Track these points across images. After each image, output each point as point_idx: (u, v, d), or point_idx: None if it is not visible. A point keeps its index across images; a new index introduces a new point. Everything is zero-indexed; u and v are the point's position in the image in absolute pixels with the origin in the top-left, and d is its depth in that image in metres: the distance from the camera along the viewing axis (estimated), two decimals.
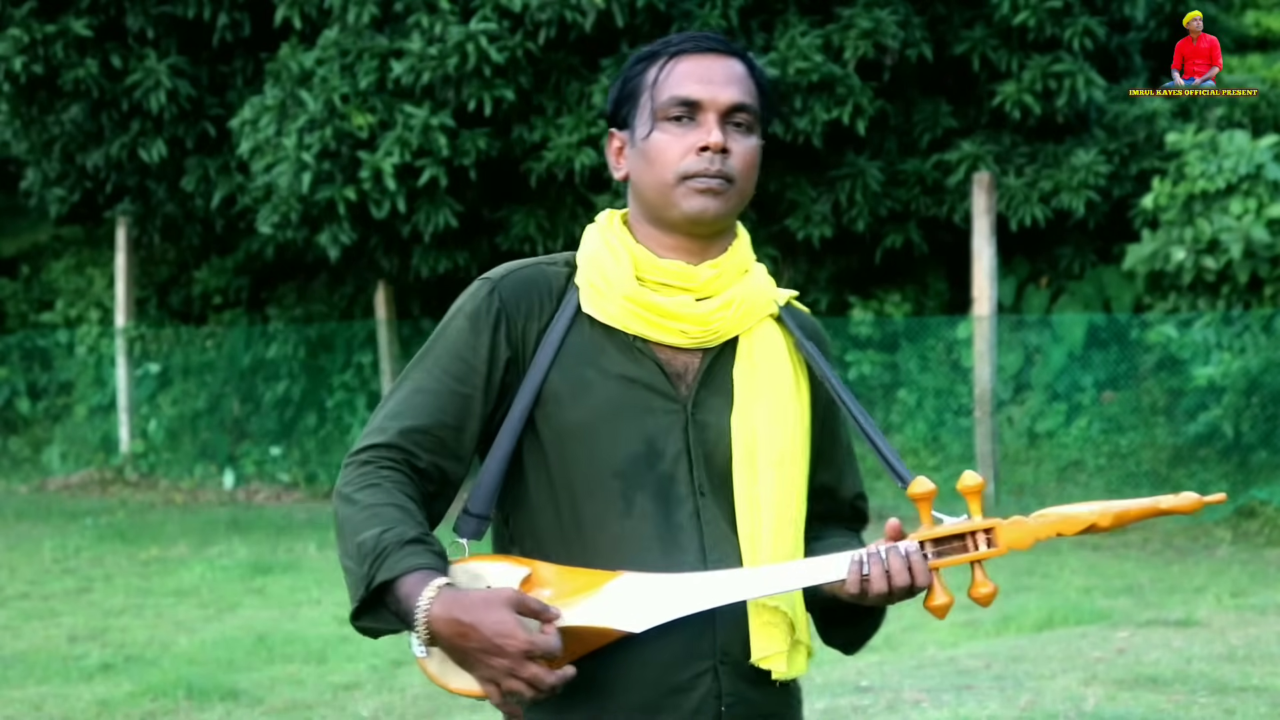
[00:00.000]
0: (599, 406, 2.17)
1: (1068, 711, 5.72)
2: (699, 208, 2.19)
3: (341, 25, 11.60)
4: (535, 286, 2.23)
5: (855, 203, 11.79)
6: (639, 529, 2.15)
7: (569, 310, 2.21)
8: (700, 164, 2.18)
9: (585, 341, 2.20)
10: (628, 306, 2.19)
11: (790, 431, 2.23)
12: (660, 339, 2.20)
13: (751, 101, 2.23)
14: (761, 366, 2.23)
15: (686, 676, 2.14)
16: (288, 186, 11.47)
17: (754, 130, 2.24)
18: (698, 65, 2.22)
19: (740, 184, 2.22)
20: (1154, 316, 10.85)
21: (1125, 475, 10.92)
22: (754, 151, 2.24)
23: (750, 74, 2.25)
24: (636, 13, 11.20)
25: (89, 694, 6.53)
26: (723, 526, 2.17)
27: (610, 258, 2.22)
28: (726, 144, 2.19)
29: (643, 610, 2.06)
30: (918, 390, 11.88)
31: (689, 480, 2.18)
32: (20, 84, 12.68)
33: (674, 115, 2.20)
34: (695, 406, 2.20)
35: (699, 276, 2.21)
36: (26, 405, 15.65)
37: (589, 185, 11.71)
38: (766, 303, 2.27)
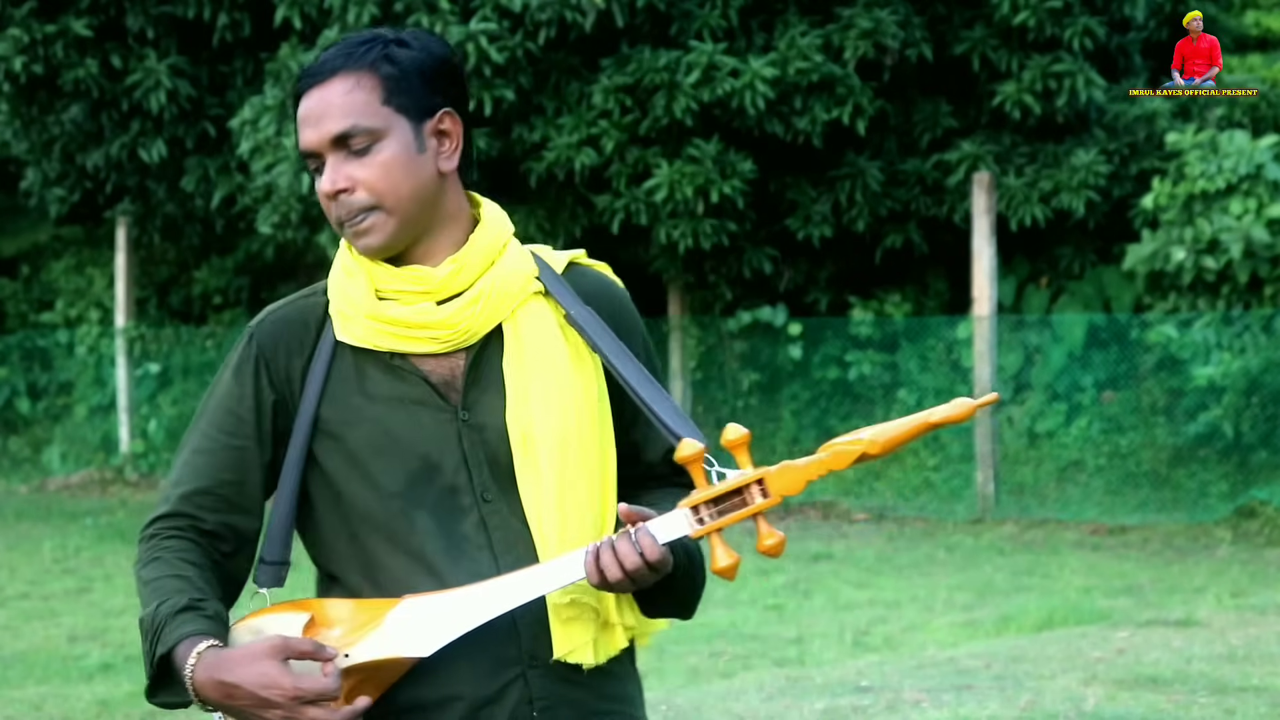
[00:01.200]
0: (371, 432, 2.13)
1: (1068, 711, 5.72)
2: (363, 247, 2.15)
3: (341, 25, 11.60)
4: (290, 326, 2.19)
5: (855, 203, 11.79)
6: (425, 547, 2.11)
7: (329, 342, 2.17)
8: (335, 210, 2.14)
9: (348, 369, 2.16)
10: (371, 325, 2.14)
11: (572, 411, 2.15)
12: (414, 350, 2.14)
13: (355, 120, 2.11)
14: (531, 351, 2.16)
15: (495, 688, 2.10)
16: (288, 186, 11.48)
17: (378, 141, 2.12)
18: (305, 107, 2.15)
19: (388, 202, 2.12)
20: (1154, 316, 10.85)
21: (1125, 475, 10.92)
22: (383, 163, 2.12)
23: (361, 77, 2.15)
24: (636, 13, 11.20)
25: (89, 694, 6.53)
26: (515, 527, 2.12)
27: (348, 279, 2.18)
28: (340, 183, 2.11)
29: (428, 633, 2.03)
30: (918, 390, 11.88)
31: (470, 488, 2.13)
32: (20, 84, 12.68)
33: (313, 166, 2.17)
34: (468, 410, 2.14)
35: (436, 277, 2.13)
36: (26, 405, 15.65)
37: (589, 185, 11.71)
38: (523, 284, 2.17)
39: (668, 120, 11.16)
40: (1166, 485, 10.75)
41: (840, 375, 12.16)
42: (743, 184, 11.25)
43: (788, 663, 6.95)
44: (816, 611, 8.07)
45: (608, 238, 11.74)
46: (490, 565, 2.11)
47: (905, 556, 9.69)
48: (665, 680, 6.66)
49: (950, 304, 12.56)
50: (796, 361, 12.23)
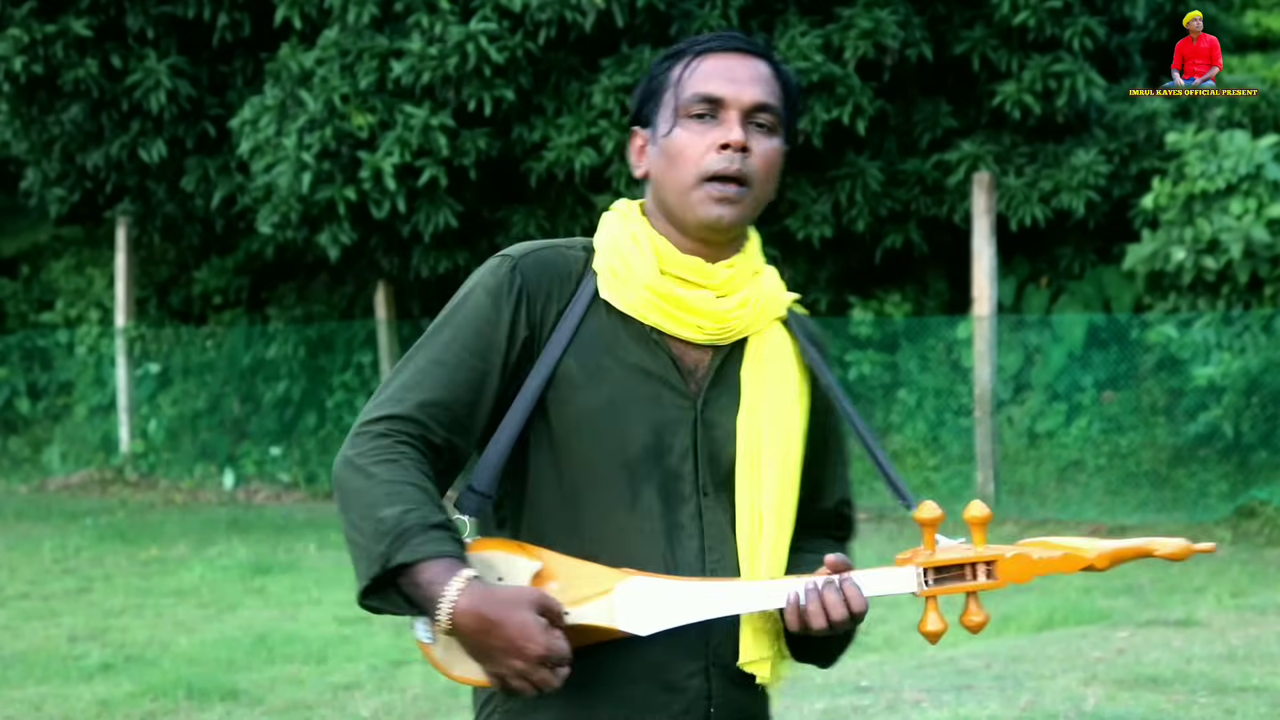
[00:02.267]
0: (612, 394, 2.15)
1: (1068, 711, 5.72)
2: (715, 215, 2.17)
3: (341, 25, 11.60)
4: (554, 268, 2.19)
5: (855, 203, 11.79)
6: (643, 524, 2.14)
7: (586, 295, 2.18)
8: (720, 162, 2.16)
9: (601, 328, 2.17)
10: (648, 297, 2.17)
11: (791, 436, 2.22)
12: (677, 333, 2.18)
13: (775, 103, 2.21)
14: (768, 369, 2.22)
15: (679, 676, 2.14)
16: (288, 186, 11.48)
17: (776, 132, 2.22)
18: (723, 63, 2.20)
19: (757, 188, 2.19)
20: (1154, 316, 10.85)
21: (1125, 475, 10.92)
22: (775, 153, 2.21)
23: (776, 76, 2.23)
24: (636, 13, 11.21)
25: (89, 694, 6.53)
26: (723, 528, 2.17)
27: (633, 246, 2.20)
28: (748, 143, 2.17)
29: (650, 614, 2.05)
30: (918, 390, 11.88)
31: (694, 478, 2.17)
32: (20, 84, 12.68)
33: (696, 113, 2.18)
34: (705, 404, 2.19)
35: (717, 275, 2.19)
36: (26, 405, 15.65)
37: (589, 185, 11.71)
38: (778, 305, 2.27)
39: None
40: (1166, 485, 10.76)
41: (840, 375, 12.16)
42: None
43: None
44: None
45: None
46: (697, 558, 2.15)
47: None
48: None
49: (950, 304, 12.56)
50: None
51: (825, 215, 11.85)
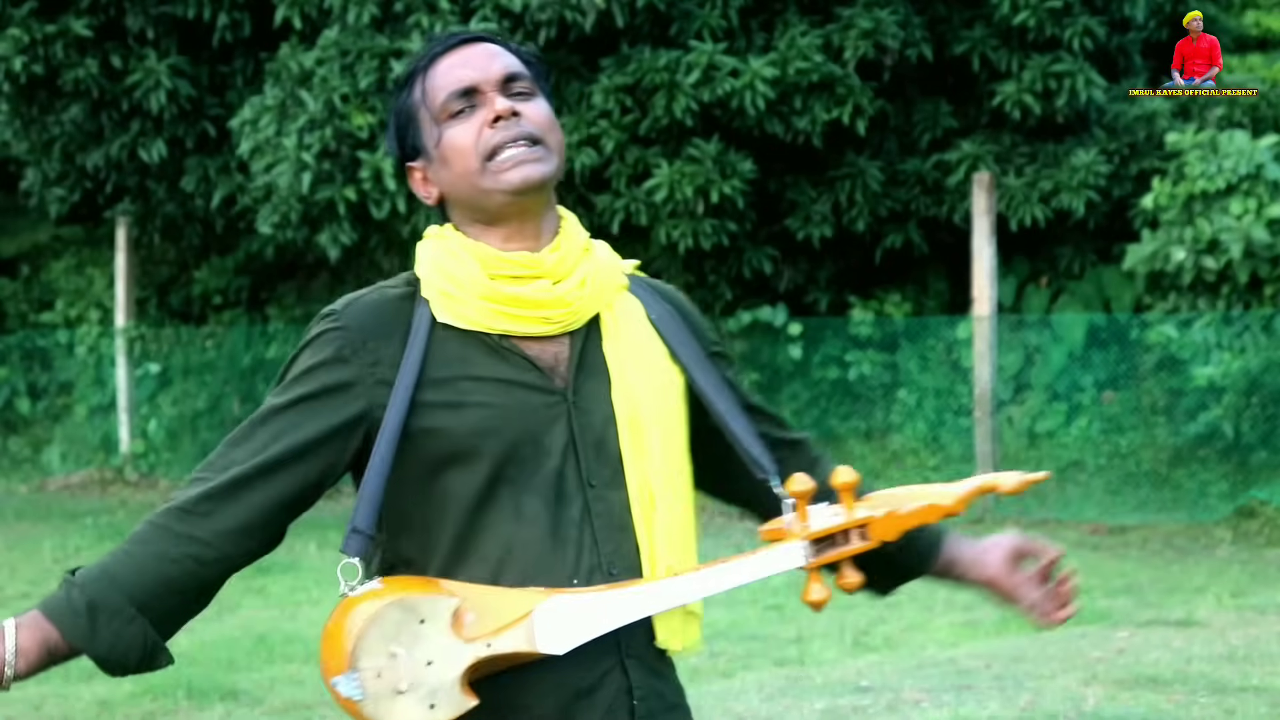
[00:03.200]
0: (481, 414, 2.09)
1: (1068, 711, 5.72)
2: (522, 177, 2.12)
3: (341, 25, 11.60)
4: (380, 309, 2.14)
5: (855, 203, 11.79)
6: (529, 532, 2.09)
7: (424, 324, 2.12)
8: (497, 135, 2.12)
9: (448, 352, 2.12)
10: (485, 305, 2.12)
11: (671, 400, 2.19)
12: (524, 331, 2.12)
13: (522, 69, 2.19)
14: (628, 340, 2.18)
15: (594, 676, 2.09)
16: (288, 186, 11.48)
17: (536, 95, 2.18)
18: (456, 57, 2.17)
19: (549, 141, 2.15)
20: (1154, 316, 10.85)
21: (1125, 475, 10.92)
22: (548, 110, 2.18)
23: (508, 49, 2.21)
24: (636, 13, 11.20)
25: (89, 694, 6.53)
26: (617, 515, 2.12)
27: (455, 261, 2.14)
28: (515, 108, 2.14)
29: (567, 631, 2.03)
30: (918, 390, 11.88)
31: (577, 474, 2.12)
32: (20, 84, 12.67)
33: (454, 110, 2.15)
34: (575, 394, 2.14)
35: (544, 262, 2.14)
36: (26, 405, 15.64)
37: (589, 185, 11.72)
38: (616, 275, 2.23)
39: (668, 120, 11.16)
40: (1166, 485, 10.75)
41: (840, 375, 12.15)
42: (743, 184, 11.25)
43: (788, 663, 6.95)
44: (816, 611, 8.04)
45: (608, 238, 11.68)
46: (591, 552, 2.10)
47: None
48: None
49: (950, 304, 12.56)
50: (796, 361, 12.23)
51: (825, 215, 11.85)
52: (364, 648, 1.98)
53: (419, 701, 1.97)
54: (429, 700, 1.97)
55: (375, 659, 1.97)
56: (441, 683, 1.97)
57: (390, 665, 1.97)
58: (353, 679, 1.97)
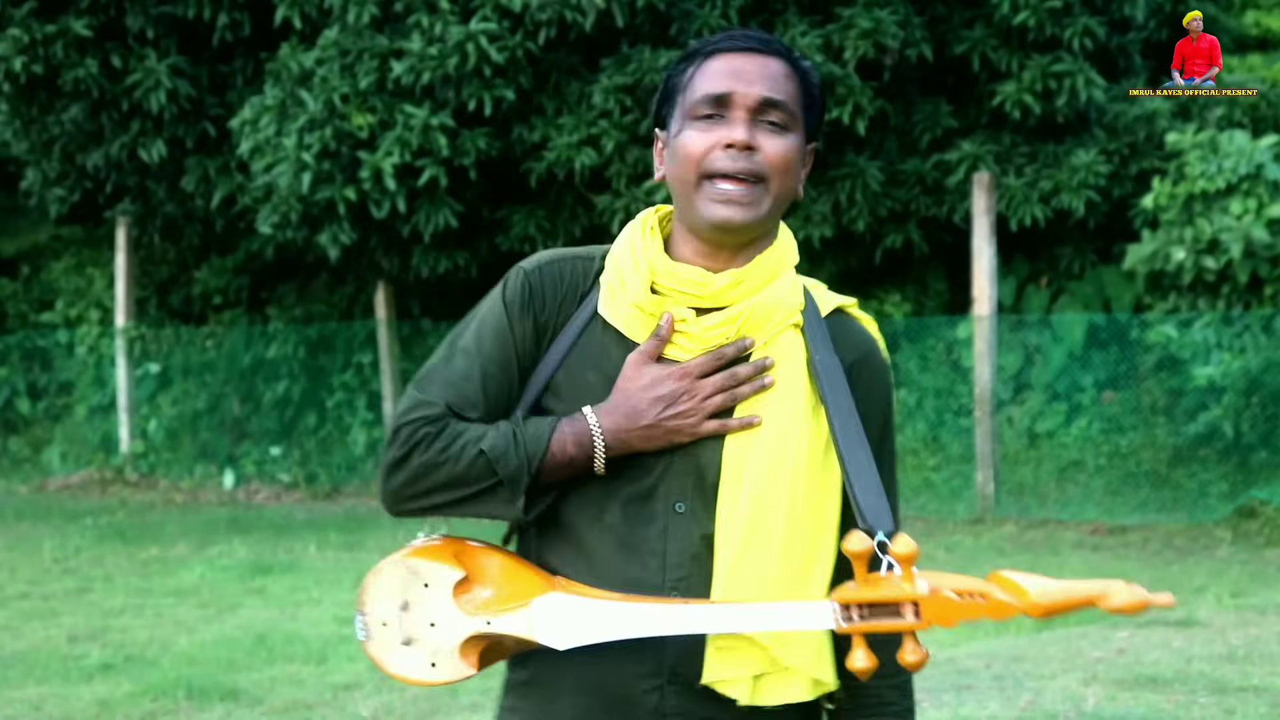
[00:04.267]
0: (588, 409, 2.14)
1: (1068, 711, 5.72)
2: (722, 217, 2.12)
3: (341, 25, 11.60)
4: (563, 280, 2.20)
5: (855, 203, 11.79)
6: (604, 539, 2.13)
7: (589, 308, 2.18)
8: (722, 160, 2.12)
9: (595, 342, 2.17)
10: (634, 314, 2.15)
11: (792, 450, 2.13)
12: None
13: (786, 99, 2.16)
14: (773, 382, 2.15)
15: (635, 691, 2.11)
16: (288, 186, 11.48)
17: (790, 130, 2.16)
18: (731, 62, 2.16)
19: (774, 184, 2.14)
20: (1154, 316, 10.85)
21: (1125, 475, 10.92)
22: (790, 150, 2.15)
23: (792, 74, 2.19)
24: (636, 13, 11.21)
25: (89, 694, 6.53)
26: (695, 546, 2.12)
27: (630, 262, 2.18)
28: (754, 140, 2.12)
29: (569, 629, 2.07)
30: (918, 390, 11.88)
31: (666, 496, 2.13)
32: (20, 84, 12.68)
33: (704, 113, 2.15)
34: None
35: (712, 285, 2.14)
36: (26, 405, 15.64)
37: (589, 185, 11.71)
38: (784, 316, 2.18)
39: None
40: (1166, 485, 10.75)
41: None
42: None
43: None
44: None
45: (608, 238, 11.70)
46: (657, 573, 2.11)
47: None
48: None
49: (950, 304, 12.57)
50: None
51: (825, 215, 11.85)
52: (370, 595, 2.13)
53: (422, 658, 2.11)
54: (431, 659, 2.11)
55: (380, 608, 2.12)
56: (442, 645, 2.10)
57: (397, 618, 2.11)
58: (359, 620, 2.13)
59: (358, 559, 9.71)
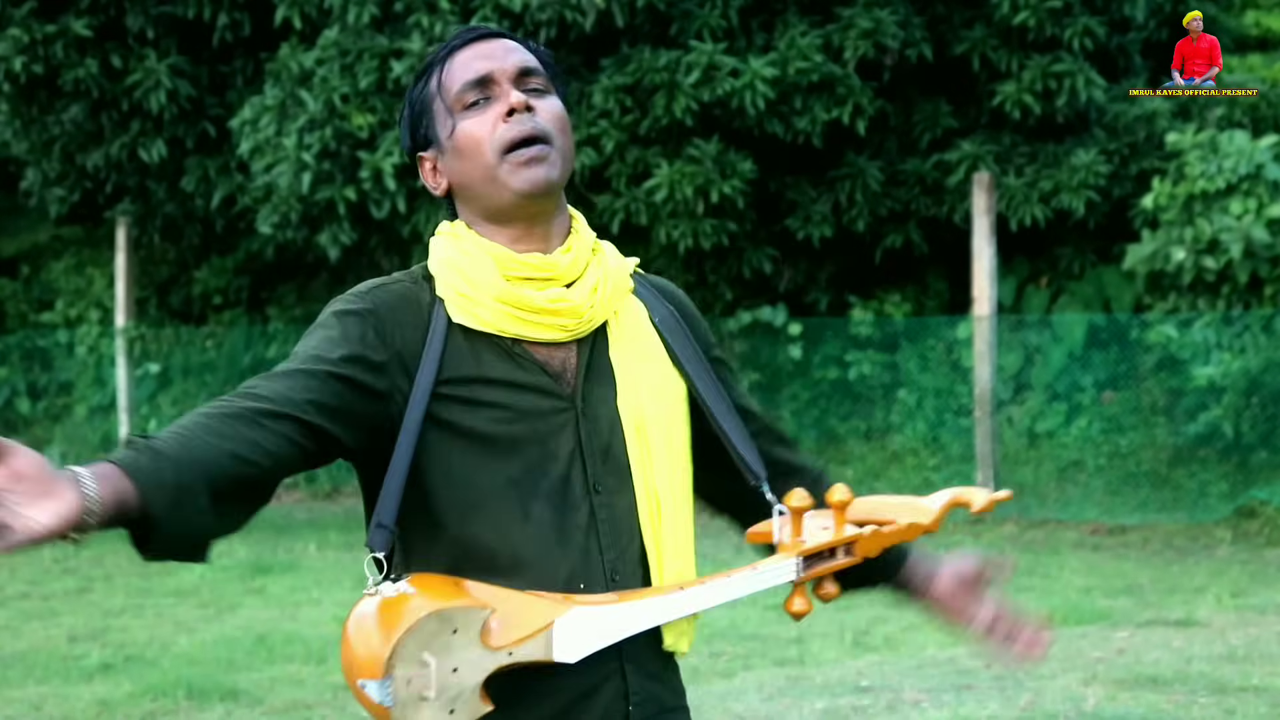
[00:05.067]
0: (493, 416, 2.10)
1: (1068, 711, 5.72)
2: (530, 180, 2.13)
3: (341, 25, 11.60)
4: (402, 300, 2.13)
5: (855, 203, 11.79)
6: (536, 536, 2.10)
7: (440, 323, 2.12)
8: (512, 129, 2.13)
9: (462, 353, 2.12)
10: (500, 308, 2.12)
11: (674, 405, 2.20)
12: (538, 336, 2.13)
13: (538, 65, 2.20)
14: (633, 344, 2.19)
15: (594, 680, 2.11)
16: (288, 186, 11.48)
17: (551, 92, 2.20)
18: (473, 50, 2.19)
19: (559, 141, 2.16)
20: (1154, 316, 10.85)
21: (1125, 475, 10.92)
22: (561, 109, 2.19)
23: (525, 46, 2.23)
24: (636, 13, 11.21)
25: (89, 694, 6.54)
26: (622, 521, 2.14)
27: (470, 261, 2.14)
28: (529, 103, 2.15)
29: (581, 641, 2.05)
30: (918, 390, 11.88)
31: (584, 480, 2.13)
32: (20, 84, 12.68)
33: (470, 101, 2.16)
34: (583, 400, 2.15)
35: (559, 264, 2.15)
36: (26, 405, 15.64)
37: (589, 185, 11.72)
38: (624, 279, 2.23)
39: (668, 120, 11.16)
40: (1166, 485, 10.75)
41: (840, 375, 12.15)
42: (743, 184, 11.25)
43: (788, 663, 6.95)
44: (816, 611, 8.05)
45: (608, 237, 11.69)
46: (596, 559, 2.12)
47: None
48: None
49: (950, 304, 12.56)
50: (796, 361, 12.23)
51: (825, 215, 11.85)
52: (400, 655, 1.97)
53: (441, 707, 1.99)
54: (450, 706, 1.99)
55: (408, 667, 1.97)
56: (463, 689, 1.99)
57: (420, 673, 1.98)
58: (386, 686, 1.97)
59: (358, 559, 9.69)
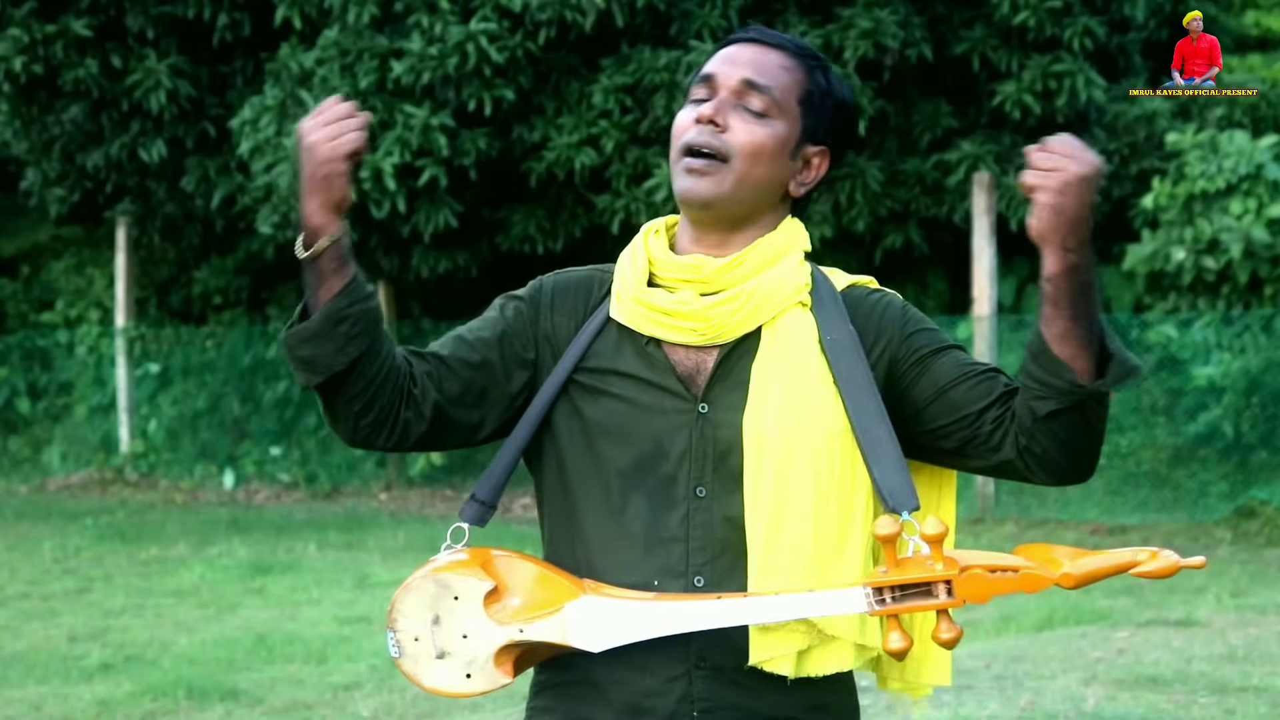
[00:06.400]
0: (613, 407, 2.18)
1: (1068, 711, 5.72)
2: (684, 188, 2.18)
3: (341, 25, 11.60)
4: (578, 287, 2.27)
5: (855, 203, 11.79)
6: (628, 530, 2.16)
7: (601, 313, 2.24)
8: (691, 135, 2.17)
9: (609, 344, 2.21)
10: (636, 309, 2.19)
11: (812, 426, 2.13)
12: (672, 339, 2.18)
13: (771, 86, 2.17)
14: (783, 357, 2.17)
15: (659, 682, 2.14)
16: (288, 186, 11.47)
17: (772, 117, 2.18)
18: (734, 51, 2.23)
19: (737, 165, 2.16)
20: (1154, 316, 10.85)
21: (1125, 475, 10.92)
22: (764, 136, 2.17)
23: (796, 67, 2.21)
24: (636, 13, 11.20)
25: (89, 694, 6.53)
26: (719, 529, 2.14)
27: (629, 261, 2.24)
28: (723, 118, 2.16)
29: (602, 631, 2.10)
30: None
31: (686, 481, 2.16)
32: (20, 84, 12.68)
33: (696, 96, 2.22)
34: (710, 405, 2.17)
35: (708, 268, 2.18)
36: (26, 405, 15.64)
37: (589, 185, 11.71)
38: (790, 293, 2.19)
39: (668, 120, 11.16)
40: (1166, 485, 10.75)
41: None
42: None
43: None
44: None
45: (608, 238, 11.74)
46: (680, 561, 2.14)
47: None
48: None
49: (950, 304, 12.56)
50: None
51: (825, 215, 11.85)
52: (400, 611, 2.14)
53: (458, 669, 2.13)
54: (465, 670, 2.13)
55: (412, 624, 2.14)
56: (476, 656, 2.12)
57: (429, 632, 2.13)
58: (390, 638, 2.15)
59: (358, 559, 9.71)
